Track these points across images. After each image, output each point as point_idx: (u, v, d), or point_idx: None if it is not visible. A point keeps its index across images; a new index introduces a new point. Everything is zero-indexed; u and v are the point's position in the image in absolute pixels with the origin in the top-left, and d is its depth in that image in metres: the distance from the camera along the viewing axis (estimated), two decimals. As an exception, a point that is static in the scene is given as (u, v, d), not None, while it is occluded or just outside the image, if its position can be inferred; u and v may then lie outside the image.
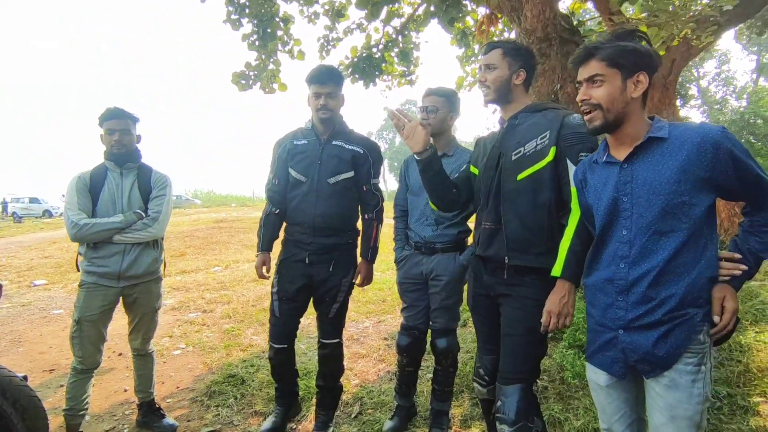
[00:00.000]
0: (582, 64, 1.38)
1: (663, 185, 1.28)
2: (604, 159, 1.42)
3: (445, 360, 2.46)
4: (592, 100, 1.35)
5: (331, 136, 2.39)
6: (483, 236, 1.84)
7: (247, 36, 5.23)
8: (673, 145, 1.29)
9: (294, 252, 2.41)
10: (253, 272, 6.67)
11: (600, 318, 1.42)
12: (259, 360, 3.56)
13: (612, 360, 1.40)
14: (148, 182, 2.52)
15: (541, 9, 3.44)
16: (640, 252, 1.32)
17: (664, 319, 1.28)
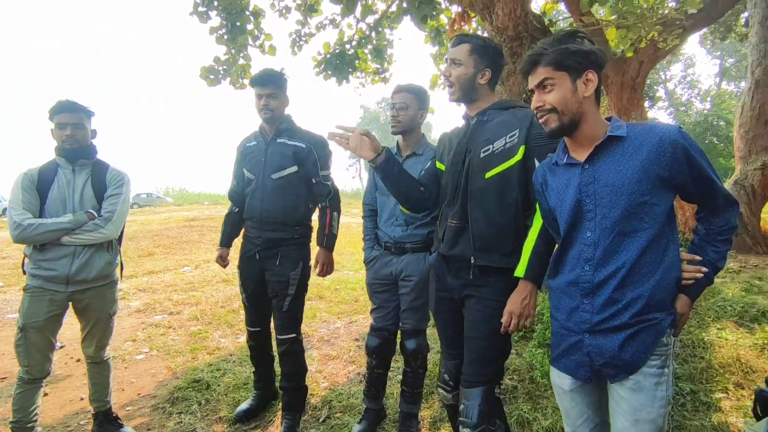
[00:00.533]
0: (530, 73, 1.37)
1: (625, 185, 1.26)
2: (565, 161, 1.40)
3: (415, 361, 2.43)
4: (546, 105, 1.34)
5: (276, 134, 2.50)
6: (448, 234, 1.79)
7: (215, 29, 5.07)
8: (633, 145, 1.28)
9: (248, 248, 2.57)
10: (223, 272, 6.55)
11: (565, 321, 1.40)
12: (225, 363, 3.45)
13: (577, 364, 1.38)
14: (103, 180, 2.37)
15: (512, 8, 3.43)
16: (605, 254, 1.30)
17: (631, 323, 1.27)
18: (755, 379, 2.77)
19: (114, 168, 2.44)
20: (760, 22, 7.00)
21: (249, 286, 2.58)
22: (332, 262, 2.68)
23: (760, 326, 3.38)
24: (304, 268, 2.54)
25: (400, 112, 2.30)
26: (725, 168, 17.98)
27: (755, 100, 6.89)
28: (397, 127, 2.32)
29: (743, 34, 8.87)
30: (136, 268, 7.29)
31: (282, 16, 5.83)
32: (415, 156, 2.37)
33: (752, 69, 7.03)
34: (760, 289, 4.40)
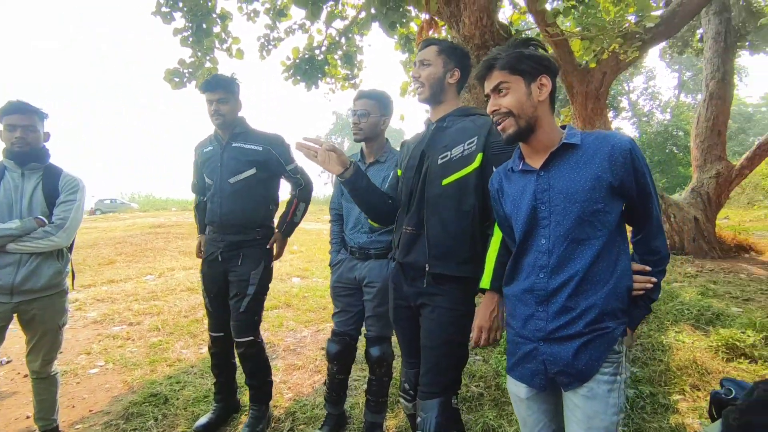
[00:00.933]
0: (486, 77, 1.38)
1: (578, 193, 1.27)
2: (520, 167, 1.40)
3: (380, 369, 2.39)
4: (502, 108, 1.34)
5: (231, 138, 2.49)
6: (403, 241, 1.77)
7: (180, 31, 4.94)
8: (587, 153, 1.29)
9: (211, 251, 2.55)
10: (188, 281, 6.34)
11: (520, 329, 1.39)
12: (186, 376, 3.32)
13: (532, 372, 1.37)
14: (55, 185, 2.25)
15: (478, 17, 3.48)
16: (559, 261, 1.30)
17: (585, 331, 1.27)
18: (710, 380, 2.85)
19: (68, 173, 2.32)
20: (713, 37, 7.36)
21: (212, 288, 2.56)
22: (284, 247, 2.75)
23: (714, 329, 3.51)
24: (265, 268, 2.54)
25: (361, 119, 2.27)
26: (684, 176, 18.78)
27: (710, 112, 7.22)
28: (359, 134, 2.30)
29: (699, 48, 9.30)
30: (95, 277, 6.98)
31: (250, 19, 5.74)
32: (378, 163, 2.35)
33: (707, 82, 7.37)
34: (715, 293, 4.58)
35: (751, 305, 4.21)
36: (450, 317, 1.66)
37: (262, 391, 2.59)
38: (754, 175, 12.88)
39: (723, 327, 3.49)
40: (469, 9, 3.42)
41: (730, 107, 7.55)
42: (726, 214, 12.69)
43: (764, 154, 7.78)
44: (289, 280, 6.45)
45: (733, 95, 7.79)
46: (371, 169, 2.35)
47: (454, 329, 1.65)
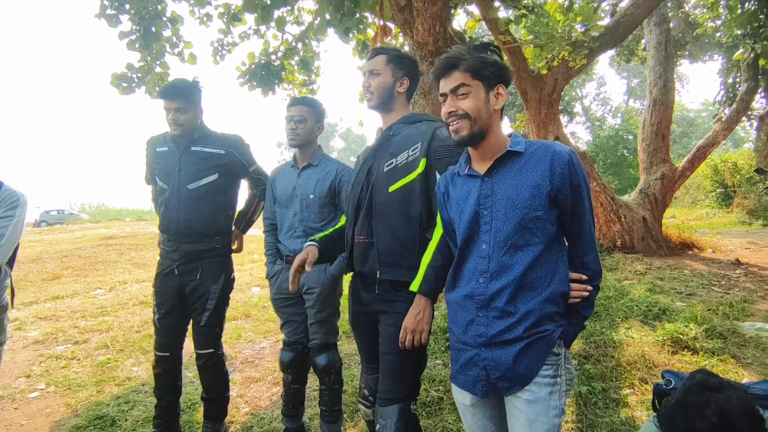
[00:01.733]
0: (444, 76, 1.36)
1: (519, 199, 1.29)
2: (466, 172, 1.41)
3: (329, 377, 2.36)
4: (459, 111, 1.32)
5: (191, 142, 2.38)
6: (357, 251, 1.78)
7: (126, 34, 4.74)
8: (530, 161, 1.32)
9: (166, 264, 2.42)
10: (141, 294, 6.07)
11: (461, 335, 1.39)
12: (136, 395, 3.16)
13: (474, 379, 1.36)
14: None
15: (431, 23, 3.52)
16: (498, 266, 1.31)
17: (524, 335, 1.28)
18: (657, 373, 2.98)
19: (8, 187, 2.15)
20: (655, 47, 7.78)
21: (164, 304, 2.40)
22: (242, 243, 2.70)
23: (661, 324, 3.67)
24: (225, 281, 2.45)
25: (298, 125, 2.31)
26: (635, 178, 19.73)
27: (654, 117, 7.61)
28: (297, 140, 2.33)
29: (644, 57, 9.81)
30: (38, 294, 6.57)
31: (203, 23, 5.60)
32: (311, 167, 2.39)
33: (650, 89, 7.78)
34: (661, 289, 4.81)
35: (693, 299, 4.44)
36: None
37: (218, 407, 2.50)
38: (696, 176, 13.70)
39: (669, 321, 3.66)
40: (422, 16, 3.46)
41: (673, 112, 8.00)
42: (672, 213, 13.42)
43: (703, 156, 8.30)
44: (248, 290, 6.29)
45: (675, 101, 8.26)
46: (304, 172, 2.39)
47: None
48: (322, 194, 2.31)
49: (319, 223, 2.31)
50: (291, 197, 2.36)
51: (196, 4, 5.42)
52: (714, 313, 3.97)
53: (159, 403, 2.51)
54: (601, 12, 8.29)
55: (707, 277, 5.34)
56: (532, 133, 6.84)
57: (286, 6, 4.07)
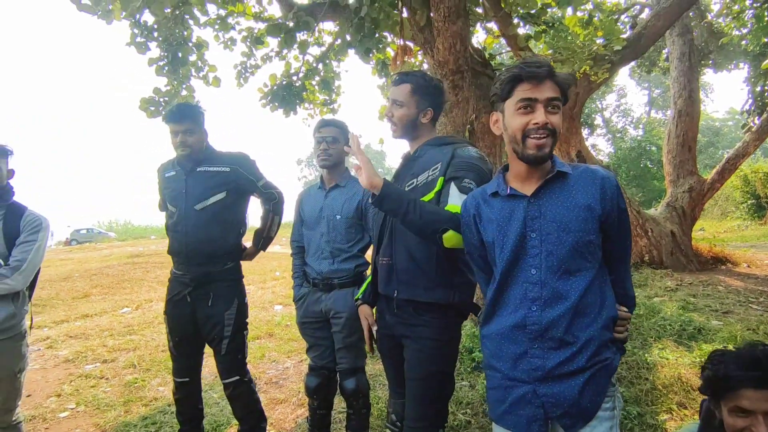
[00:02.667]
0: (539, 82, 1.22)
1: (573, 223, 1.22)
2: (508, 192, 1.31)
3: (356, 401, 2.33)
4: (550, 126, 1.22)
5: (196, 164, 2.38)
6: (381, 273, 1.78)
7: (155, 60, 4.92)
8: (578, 183, 1.26)
9: (177, 290, 2.38)
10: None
11: (510, 371, 1.27)
12: (163, 416, 3.18)
13: (529, 419, 1.24)
14: (17, 225, 2.14)
15: (452, 42, 3.54)
16: (553, 293, 1.22)
17: (587, 366, 1.20)
18: (696, 397, 2.85)
19: (32, 212, 2.22)
20: (678, 58, 7.66)
21: (178, 331, 2.38)
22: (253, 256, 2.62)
23: (697, 344, 3.52)
24: (239, 305, 2.40)
25: (331, 145, 2.32)
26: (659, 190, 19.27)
27: (679, 129, 7.45)
28: (329, 160, 2.34)
29: (665, 67, 9.66)
30: (69, 312, 6.74)
31: (227, 47, 5.77)
32: (338, 188, 2.40)
33: (674, 100, 7.64)
34: (695, 306, 4.63)
35: (730, 318, 4.26)
36: (432, 348, 1.63)
37: None
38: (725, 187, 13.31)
39: (705, 342, 3.52)
40: (442, 35, 3.48)
41: (699, 123, 7.82)
42: (701, 225, 13.02)
43: (733, 167, 8.05)
44: (271, 309, 6.32)
45: (700, 111, 8.08)
46: (332, 193, 2.40)
47: (436, 360, 1.62)
48: (350, 215, 2.31)
49: (346, 244, 2.31)
50: (318, 218, 2.37)
51: (220, 29, 5.59)
52: (754, 332, 3.79)
53: (182, 428, 2.50)
54: (621, 24, 8.24)
55: (744, 293, 5.13)
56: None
57: (309, 30, 4.15)
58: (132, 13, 4.62)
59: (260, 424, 2.48)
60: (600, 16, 5.81)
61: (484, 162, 1.66)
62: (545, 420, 1.23)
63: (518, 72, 1.24)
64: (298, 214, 2.52)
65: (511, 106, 1.26)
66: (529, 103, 1.22)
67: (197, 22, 5.17)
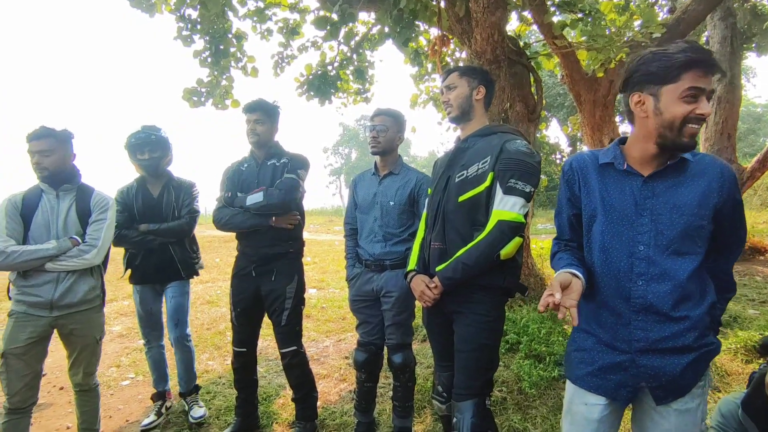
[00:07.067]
0: (707, 73, 1.21)
1: (686, 206, 1.26)
2: (625, 168, 1.33)
3: (403, 375, 2.48)
4: (705, 116, 1.23)
5: (266, 158, 2.64)
6: (433, 256, 1.90)
7: (199, 53, 5.13)
8: (698, 170, 1.29)
9: (243, 265, 2.63)
10: (207, 294, 6.46)
11: (608, 338, 1.33)
12: (215, 386, 3.42)
13: (617, 384, 1.31)
14: (87, 205, 2.37)
15: (490, 32, 3.59)
16: (661, 271, 1.27)
17: (694, 346, 1.25)
18: (730, 382, 2.90)
19: (99, 192, 2.45)
20: (719, 42, 7.43)
21: (240, 302, 2.61)
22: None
23: (732, 331, 3.54)
24: (299, 281, 2.64)
25: (380, 133, 2.43)
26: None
27: (718, 116, 7.26)
28: (378, 147, 2.45)
29: (704, 53, 9.35)
30: (116, 292, 7.13)
31: (264, 38, 5.92)
32: (392, 175, 2.51)
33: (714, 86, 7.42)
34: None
35: (767, 307, 4.23)
36: (483, 323, 1.76)
37: (308, 406, 2.66)
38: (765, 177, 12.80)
39: (741, 329, 3.53)
40: (480, 26, 3.54)
41: (739, 110, 7.59)
42: (738, 216, 12.62)
43: (775, 156, 7.79)
44: (306, 292, 6.55)
45: (742, 97, 7.83)
46: (386, 180, 2.51)
47: (486, 334, 1.75)
48: (402, 202, 2.43)
49: (398, 229, 2.44)
50: (372, 203, 2.50)
51: (258, 20, 5.74)
52: (791, 321, 3.78)
53: (239, 395, 2.73)
54: (658, 8, 8.01)
55: (782, 284, 5.06)
56: (586, 135, 6.71)
57: (353, 21, 4.26)
58: (177, 7, 4.84)
59: (312, 393, 2.69)
60: (637, 1, 5.70)
61: (532, 156, 1.75)
62: (635, 388, 1.30)
63: (691, 57, 1.19)
64: (351, 198, 2.66)
65: (674, 91, 1.22)
66: (697, 92, 1.20)
67: (236, 14, 5.35)
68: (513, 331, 3.50)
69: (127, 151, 2.86)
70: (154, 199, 2.89)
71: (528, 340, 3.29)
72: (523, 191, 1.69)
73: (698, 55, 1.19)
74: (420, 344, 3.89)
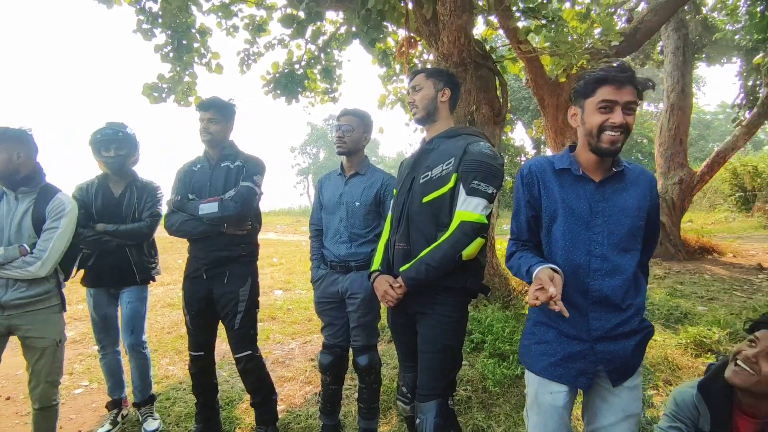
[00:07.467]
0: (620, 86, 1.36)
1: (630, 209, 1.44)
2: (580, 173, 1.48)
3: (368, 377, 2.47)
4: (626, 125, 1.37)
5: (220, 159, 2.54)
6: (397, 257, 1.90)
7: (161, 47, 4.96)
8: (632, 177, 1.49)
9: (194, 267, 2.53)
10: (167, 297, 6.26)
11: (569, 330, 1.46)
12: (175, 392, 3.32)
13: (578, 372, 1.44)
14: (43, 211, 2.21)
15: (456, 35, 3.64)
16: (613, 266, 1.43)
17: (639, 329, 1.44)
18: (681, 375, 3.04)
19: (60, 196, 2.27)
20: (672, 52, 7.80)
21: (193, 306, 2.53)
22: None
23: (683, 327, 3.72)
24: (252, 284, 2.57)
25: (346, 134, 2.42)
26: (650, 182, 19.50)
27: (671, 122, 7.62)
28: (343, 147, 2.43)
29: (659, 60, 9.81)
30: (70, 296, 6.79)
31: (230, 34, 5.80)
32: (358, 175, 2.49)
33: (668, 94, 7.79)
34: (682, 293, 4.84)
35: (715, 304, 4.47)
36: (445, 324, 1.77)
37: (268, 410, 2.60)
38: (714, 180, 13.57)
39: (691, 325, 3.71)
40: (447, 28, 3.58)
41: (690, 117, 7.99)
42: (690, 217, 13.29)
43: (723, 160, 8.26)
44: (271, 293, 6.44)
45: (693, 105, 8.25)
46: (352, 180, 2.50)
47: (449, 335, 1.77)
48: (368, 202, 2.42)
49: (363, 230, 2.43)
50: (338, 204, 2.48)
51: (223, 16, 5.61)
52: (737, 317, 4.00)
53: (198, 400, 2.65)
54: (617, 18, 8.34)
55: (729, 281, 5.35)
56: (549, 139, 6.90)
57: (320, 20, 4.21)
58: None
59: (271, 396, 2.64)
60: (597, 10, 5.91)
61: (495, 158, 1.77)
62: (593, 374, 1.45)
63: (604, 75, 1.37)
64: (317, 198, 2.62)
65: (592, 103, 1.40)
66: (609, 104, 1.37)
67: (200, 8, 5.21)
68: (478, 330, 3.56)
69: (91, 148, 2.71)
70: (115, 198, 2.76)
71: (492, 339, 3.35)
72: (486, 192, 1.71)
73: (609, 73, 1.37)
74: (387, 345, 3.89)
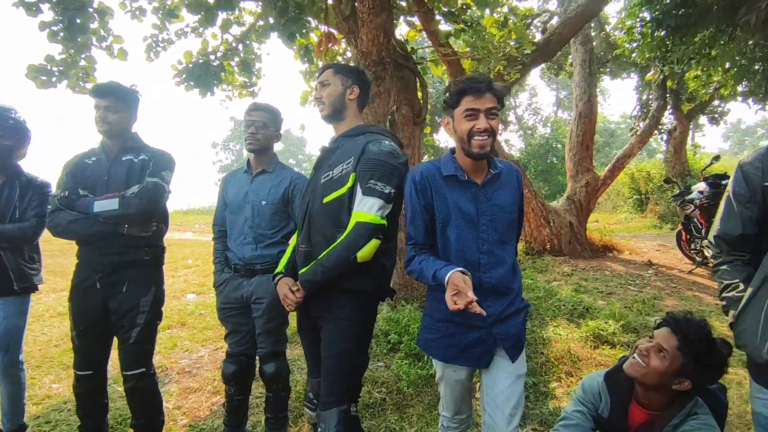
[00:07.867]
0: (479, 95, 1.51)
1: (507, 205, 1.63)
2: (465, 178, 1.60)
3: (276, 385, 2.36)
4: (490, 129, 1.52)
5: (121, 152, 2.26)
6: (299, 258, 1.82)
7: (47, 24, 4.39)
8: (506, 177, 1.66)
9: (85, 276, 2.22)
10: (59, 305, 5.63)
11: (466, 320, 1.59)
12: (58, 414, 2.95)
13: (481, 354, 1.62)
14: None
15: (375, 34, 3.59)
16: (497, 258, 1.60)
17: (521, 307, 1.66)
18: (581, 366, 3.23)
19: None
20: (580, 64, 8.40)
21: (82, 320, 2.21)
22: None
23: (584, 321, 3.97)
24: (156, 292, 2.31)
25: (260, 130, 2.29)
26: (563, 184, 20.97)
27: (579, 129, 8.20)
28: (256, 144, 2.30)
29: (571, 71, 10.54)
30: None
31: (135, 18, 5.31)
32: (265, 173, 2.38)
33: (576, 102, 8.38)
34: (585, 289, 5.19)
35: (612, 298, 4.85)
36: (345, 327, 1.71)
37: (151, 430, 2.35)
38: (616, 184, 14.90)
39: (591, 319, 3.98)
40: (366, 26, 3.52)
41: (596, 124, 8.66)
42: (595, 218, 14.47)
43: (622, 166, 9.06)
44: (183, 297, 6.03)
45: (598, 114, 8.95)
46: (258, 178, 2.37)
47: (349, 339, 1.71)
48: (275, 201, 2.29)
49: (269, 230, 2.30)
50: (242, 203, 2.32)
51: (127, -4, 5.14)
52: (629, 309, 4.36)
53: (82, 423, 2.34)
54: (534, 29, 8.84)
55: (624, 277, 5.84)
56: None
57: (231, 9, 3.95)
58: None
59: (159, 417, 2.39)
60: (514, 20, 6.19)
61: (395, 156, 1.73)
62: (493, 353, 1.62)
63: (463, 86, 1.53)
64: (221, 197, 2.45)
65: (459, 113, 1.55)
66: (473, 112, 1.52)
67: (99, -16, 4.71)
68: (395, 331, 3.54)
69: None
70: None
71: (408, 339, 3.35)
72: (383, 192, 1.66)
73: (467, 85, 1.53)
74: (298, 349, 3.76)
